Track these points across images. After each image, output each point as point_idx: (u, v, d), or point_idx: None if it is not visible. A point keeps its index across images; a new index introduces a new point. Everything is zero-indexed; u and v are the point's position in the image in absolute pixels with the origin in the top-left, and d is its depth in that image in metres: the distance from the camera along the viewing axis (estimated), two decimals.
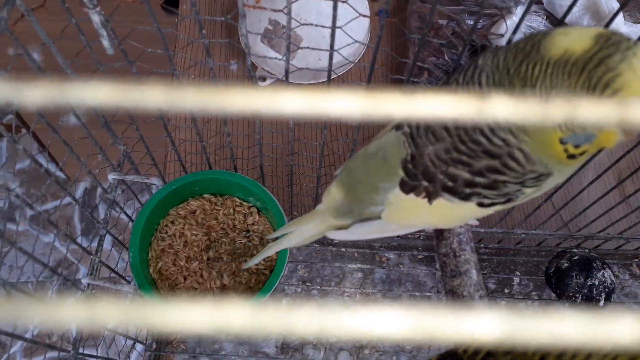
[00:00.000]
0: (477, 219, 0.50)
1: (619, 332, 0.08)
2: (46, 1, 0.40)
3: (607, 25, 0.47)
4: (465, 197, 0.40)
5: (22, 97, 0.08)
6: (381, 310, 0.07)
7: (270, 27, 0.83)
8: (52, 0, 0.40)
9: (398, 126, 0.43)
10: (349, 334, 0.07)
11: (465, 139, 0.38)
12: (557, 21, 0.87)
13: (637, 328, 0.08)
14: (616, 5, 0.89)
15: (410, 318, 0.07)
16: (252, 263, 0.57)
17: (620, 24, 0.89)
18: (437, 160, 0.40)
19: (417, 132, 0.41)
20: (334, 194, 0.48)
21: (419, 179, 0.41)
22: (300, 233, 0.52)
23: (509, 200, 0.41)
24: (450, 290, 0.42)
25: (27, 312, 0.09)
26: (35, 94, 0.08)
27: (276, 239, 0.55)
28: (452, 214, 0.42)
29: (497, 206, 0.41)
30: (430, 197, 0.41)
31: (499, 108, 0.08)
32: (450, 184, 0.40)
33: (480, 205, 0.41)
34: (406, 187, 0.42)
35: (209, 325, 0.08)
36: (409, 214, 0.43)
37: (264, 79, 0.84)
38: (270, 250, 0.54)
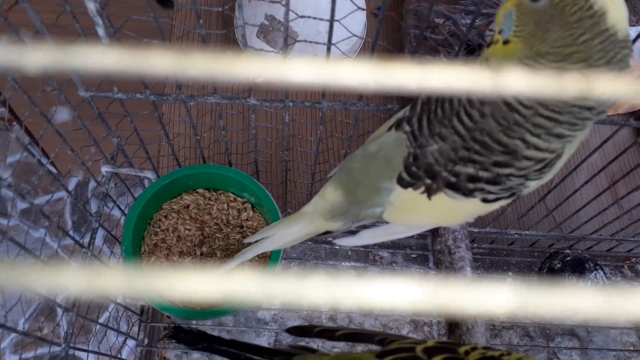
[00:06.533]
0: (473, 219, 0.50)
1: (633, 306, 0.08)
2: None
3: None
4: (469, 193, 0.40)
5: (26, 60, 0.08)
6: (394, 282, 0.07)
7: (266, 22, 0.83)
8: None
9: (397, 125, 0.43)
10: (360, 303, 0.07)
11: (481, 138, 0.37)
12: None
13: None
14: None
15: (425, 290, 0.07)
16: (227, 268, 0.55)
17: None
18: (442, 158, 0.40)
19: (419, 132, 0.41)
20: (329, 196, 0.46)
21: (422, 177, 0.41)
22: (281, 237, 0.49)
23: (513, 194, 0.41)
24: None
25: (31, 277, 0.08)
26: (38, 57, 0.08)
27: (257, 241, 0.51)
28: (456, 210, 0.41)
29: (501, 201, 0.41)
30: (430, 192, 0.41)
31: (512, 80, 0.08)
32: (453, 179, 0.40)
33: (485, 200, 0.40)
34: (404, 183, 0.41)
35: (221, 292, 0.07)
36: (410, 213, 0.43)
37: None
38: (246, 256, 0.51)
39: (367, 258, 0.79)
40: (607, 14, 0.32)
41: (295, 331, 0.47)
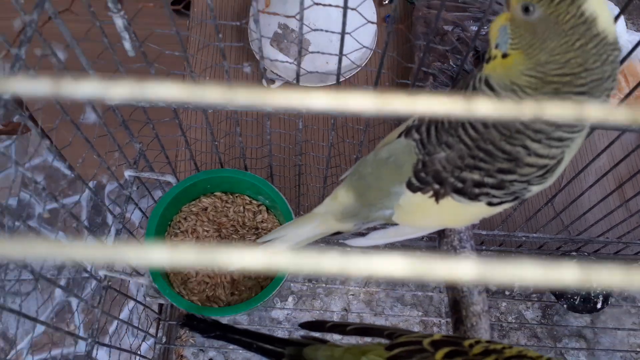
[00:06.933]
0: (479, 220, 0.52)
1: (563, 275, 0.10)
2: (72, 4, 0.42)
3: None
4: (475, 197, 0.42)
5: (111, 94, 0.10)
6: (386, 256, 0.10)
7: (280, 31, 0.85)
8: (77, 2, 0.42)
9: (407, 133, 0.45)
10: (361, 272, 0.09)
11: (486, 147, 0.40)
12: None
13: (575, 272, 0.10)
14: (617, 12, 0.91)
15: (408, 261, 0.09)
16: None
17: (622, 32, 0.90)
18: (449, 165, 0.42)
19: (427, 140, 0.43)
20: (341, 198, 0.49)
21: (430, 182, 0.43)
22: (293, 236, 0.52)
23: (516, 198, 0.43)
24: (451, 286, 0.44)
25: (75, 251, 0.11)
26: (121, 91, 0.10)
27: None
28: (462, 213, 0.44)
29: (505, 204, 0.43)
30: (438, 196, 0.43)
31: (483, 106, 0.10)
32: (460, 185, 0.42)
33: (490, 204, 0.43)
34: (413, 187, 0.44)
35: (258, 264, 0.10)
36: (418, 215, 0.45)
37: (272, 81, 0.86)
38: None
39: None
40: (597, 20, 0.34)
41: (308, 326, 0.50)
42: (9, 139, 1.65)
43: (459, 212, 0.43)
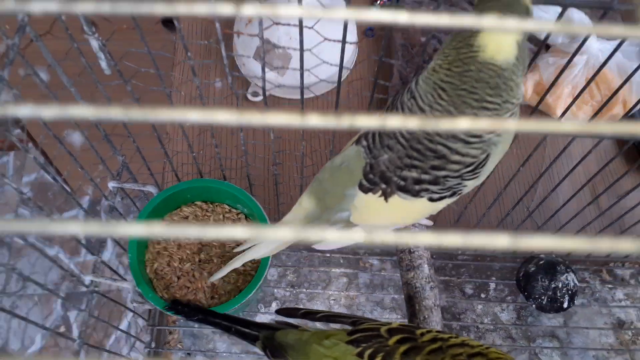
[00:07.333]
0: (433, 221, 0.55)
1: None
2: (52, 28, 0.46)
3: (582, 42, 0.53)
4: (416, 194, 0.46)
5: (104, 117, 0.13)
6: (337, 231, 0.13)
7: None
8: (57, 25, 0.46)
9: (358, 141, 0.49)
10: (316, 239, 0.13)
11: (417, 147, 0.44)
12: (537, 41, 0.92)
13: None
14: (588, 23, 0.94)
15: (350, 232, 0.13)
16: (218, 276, 0.61)
17: (593, 41, 0.94)
18: (391, 165, 0.46)
19: (373, 145, 0.47)
20: (304, 204, 0.53)
21: (378, 182, 0.47)
22: (266, 244, 0.56)
23: (454, 193, 0.47)
24: (406, 282, 0.47)
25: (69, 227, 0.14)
26: (112, 114, 0.13)
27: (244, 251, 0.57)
28: (408, 210, 0.48)
29: (446, 200, 0.47)
30: (386, 195, 0.47)
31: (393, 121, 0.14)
32: (402, 183, 0.46)
33: (431, 199, 0.47)
34: (364, 188, 0.48)
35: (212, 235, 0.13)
36: (372, 214, 0.49)
37: (256, 94, 0.90)
38: (237, 262, 0.58)
39: (358, 265, 0.84)
40: (486, 48, 0.39)
41: (283, 312, 0.54)
42: (6, 154, 1.68)
43: (405, 209, 0.47)
